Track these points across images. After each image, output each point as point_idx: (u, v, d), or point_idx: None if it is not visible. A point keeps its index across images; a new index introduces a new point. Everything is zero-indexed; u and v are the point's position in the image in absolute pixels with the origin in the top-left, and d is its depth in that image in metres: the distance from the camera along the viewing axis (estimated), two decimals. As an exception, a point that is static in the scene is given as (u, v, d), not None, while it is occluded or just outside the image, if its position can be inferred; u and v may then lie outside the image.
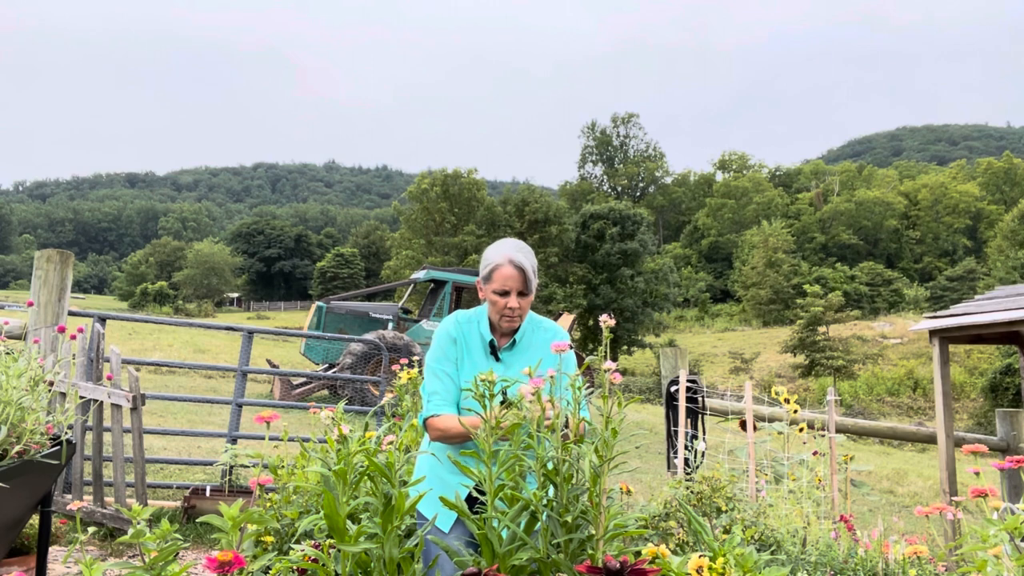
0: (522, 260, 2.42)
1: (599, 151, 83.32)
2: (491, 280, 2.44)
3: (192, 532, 5.12)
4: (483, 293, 2.50)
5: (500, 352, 2.50)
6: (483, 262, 2.50)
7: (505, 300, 2.41)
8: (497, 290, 2.42)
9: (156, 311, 55.06)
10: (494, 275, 2.43)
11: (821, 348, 39.00)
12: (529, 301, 2.46)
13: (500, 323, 2.47)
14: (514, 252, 2.44)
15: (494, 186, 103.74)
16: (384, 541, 1.79)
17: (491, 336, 2.50)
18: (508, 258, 2.41)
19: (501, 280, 2.41)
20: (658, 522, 2.83)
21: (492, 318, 2.51)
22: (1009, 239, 57.62)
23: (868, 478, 11.53)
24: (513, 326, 2.47)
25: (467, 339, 2.51)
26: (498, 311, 2.45)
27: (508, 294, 2.41)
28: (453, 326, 2.53)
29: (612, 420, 1.79)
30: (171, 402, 11.12)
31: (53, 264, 5.26)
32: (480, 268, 2.52)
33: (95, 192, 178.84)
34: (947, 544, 2.90)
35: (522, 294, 2.43)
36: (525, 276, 2.42)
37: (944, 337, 5.38)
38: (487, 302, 2.49)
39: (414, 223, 48.57)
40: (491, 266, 2.44)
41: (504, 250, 2.45)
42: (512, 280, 2.40)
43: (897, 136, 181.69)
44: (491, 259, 2.45)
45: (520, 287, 2.41)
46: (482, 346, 2.50)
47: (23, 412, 2.42)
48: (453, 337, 2.50)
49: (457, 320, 2.55)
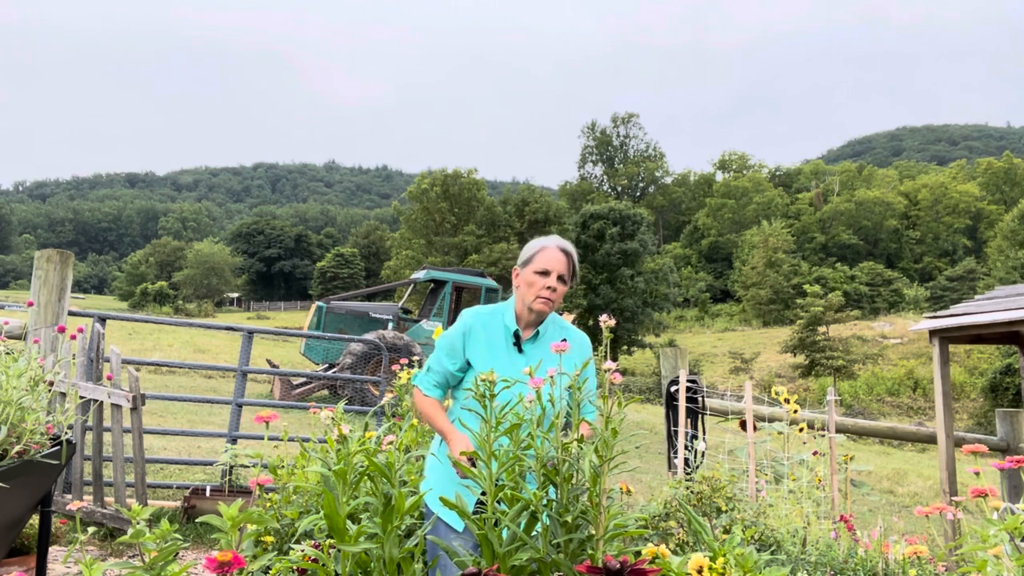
0: (569, 248, 2.49)
1: (599, 151, 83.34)
2: (532, 261, 2.46)
3: (192, 532, 5.12)
4: (519, 279, 2.49)
5: (524, 343, 2.48)
6: (525, 251, 2.51)
7: (545, 280, 2.42)
8: (539, 269, 2.43)
9: (156, 311, 55.07)
10: (537, 256, 2.45)
11: (821, 348, 39.01)
12: (563, 292, 2.47)
13: (533, 305, 2.44)
14: (562, 240, 2.50)
15: (494, 186, 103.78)
16: (384, 541, 1.79)
17: (516, 326, 2.48)
18: (556, 243, 2.48)
19: (545, 260, 2.43)
20: (658, 522, 2.83)
21: (520, 305, 2.49)
22: (1009, 239, 57.62)
23: (868, 478, 11.53)
24: (545, 310, 2.45)
25: (487, 330, 2.49)
26: (535, 292, 2.43)
27: (549, 274, 2.42)
28: (472, 316, 2.52)
29: (612, 420, 1.79)
30: (171, 402, 11.12)
31: (53, 264, 5.25)
32: (520, 256, 2.52)
33: (95, 192, 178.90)
34: (947, 544, 2.90)
35: (562, 279, 2.45)
36: (570, 261, 2.46)
37: (944, 337, 5.38)
38: (521, 287, 2.48)
39: (414, 223, 48.60)
40: (536, 248, 2.48)
41: (552, 237, 2.52)
42: (557, 262, 2.44)
43: (897, 136, 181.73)
44: (537, 244, 2.50)
45: (563, 270, 2.44)
46: (504, 337, 2.48)
47: (23, 412, 2.42)
48: (466, 328, 2.49)
49: (477, 312, 2.55)
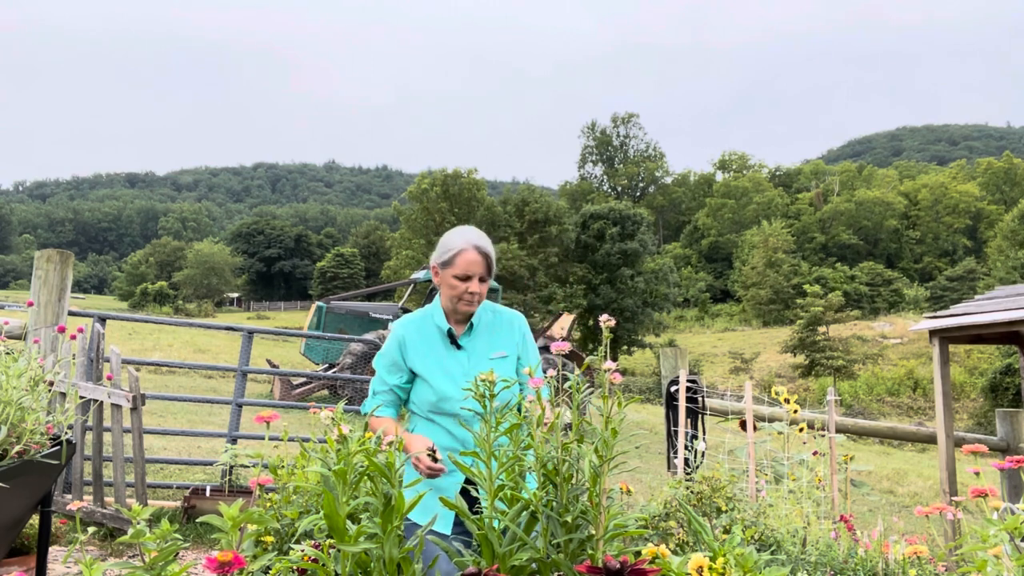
0: (485, 246, 2.45)
1: (599, 151, 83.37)
2: (452, 265, 2.43)
3: (192, 532, 5.12)
4: (439, 279, 2.48)
5: (460, 339, 2.49)
6: (441, 247, 2.48)
7: (466, 285, 2.41)
8: (459, 275, 2.41)
9: (156, 311, 55.09)
10: (456, 260, 2.42)
11: (821, 348, 39.03)
12: (486, 288, 2.48)
13: (458, 307, 2.45)
14: (477, 238, 2.46)
15: (494, 186, 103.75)
16: (384, 541, 1.78)
17: (448, 325, 2.49)
18: (472, 244, 2.43)
19: (464, 264, 2.41)
20: (658, 522, 2.83)
21: (447, 305, 2.49)
22: (1009, 239, 57.64)
23: (868, 478, 11.53)
24: (470, 311, 2.46)
25: (421, 335, 2.50)
26: (457, 295, 2.43)
27: (470, 279, 2.42)
28: (401, 326, 2.53)
29: (612, 420, 1.79)
30: (171, 402, 11.12)
31: (53, 264, 5.26)
32: (437, 254, 2.49)
33: (95, 192, 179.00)
34: (947, 544, 2.90)
35: (483, 280, 2.45)
36: (488, 262, 2.45)
37: (944, 337, 5.38)
38: (443, 288, 2.48)
39: (414, 223, 48.58)
40: (453, 251, 2.43)
41: (466, 235, 2.46)
42: (475, 265, 2.41)
43: (897, 136, 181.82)
44: (453, 244, 2.45)
45: (482, 272, 2.43)
46: (440, 337, 2.50)
47: (23, 412, 2.41)
48: (400, 339, 2.50)
49: (405, 321, 2.55)
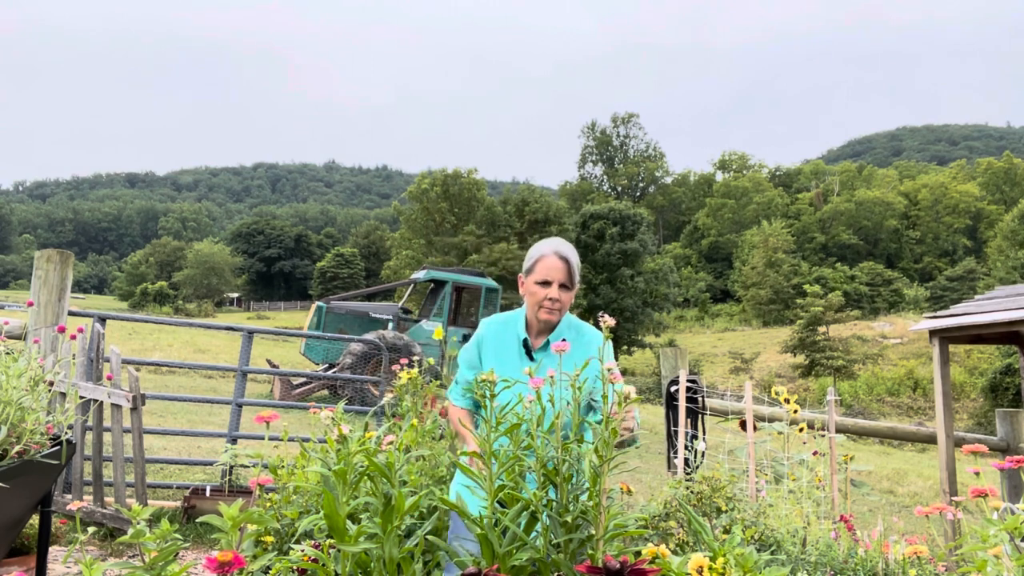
0: (567, 252, 2.45)
1: (599, 151, 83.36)
2: (533, 271, 2.44)
3: (192, 532, 5.12)
4: (524, 287, 2.49)
5: (535, 352, 2.47)
6: (527, 258, 2.50)
7: (546, 291, 2.41)
8: (539, 280, 2.42)
9: (156, 311, 55.07)
10: (537, 266, 2.44)
11: (821, 348, 39.00)
12: (570, 297, 2.45)
13: (538, 315, 2.44)
14: (559, 245, 2.47)
15: (494, 186, 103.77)
16: (384, 541, 1.78)
17: (525, 334, 2.48)
18: (554, 249, 2.45)
19: (545, 270, 2.41)
20: (658, 522, 2.83)
21: (529, 314, 2.49)
22: (1009, 239, 57.63)
23: (868, 478, 11.53)
24: (551, 319, 2.44)
25: (499, 339, 2.51)
26: (537, 302, 2.43)
27: (550, 284, 2.41)
28: (484, 327, 2.55)
29: (612, 420, 1.79)
30: (171, 402, 11.12)
31: (53, 264, 5.25)
32: (524, 264, 2.52)
33: (95, 192, 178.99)
34: (947, 544, 2.90)
35: (564, 287, 2.42)
36: (569, 268, 2.42)
37: (944, 337, 5.38)
38: (527, 296, 2.48)
39: (414, 223, 48.58)
40: (535, 257, 2.46)
41: (550, 243, 2.48)
42: (556, 271, 2.41)
43: (897, 136, 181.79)
44: (536, 251, 2.48)
45: (563, 279, 2.41)
46: (517, 345, 2.49)
47: (23, 412, 2.41)
48: (480, 340, 2.53)
49: (490, 321, 2.57)
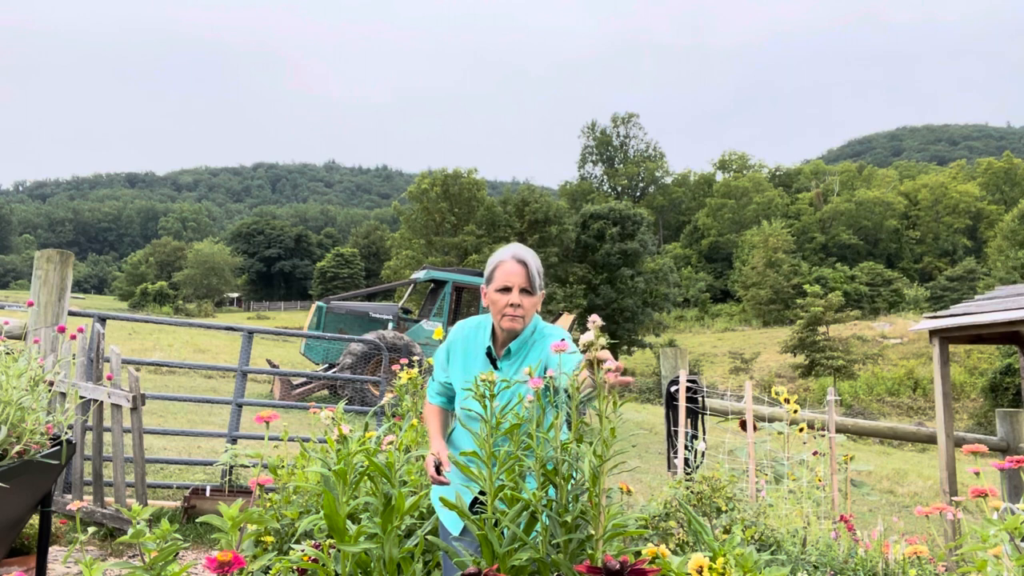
0: (525, 256, 2.37)
1: (599, 151, 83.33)
2: (493, 279, 2.38)
3: (192, 532, 5.12)
4: (487, 299, 2.42)
5: (499, 361, 2.41)
6: (486, 267, 2.44)
7: (507, 297, 2.32)
8: (499, 287, 2.35)
9: (156, 311, 55.04)
10: (496, 273, 2.37)
11: (821, 348, 38.99)
12: (533, 303, 2.36)
13: (501, 323, 2.36)
14: (517, 250, 2.41)
15: (494, 186, 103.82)
16: (384, 541, 1.78)
17: (489, 343, 2.42)
18: (511, 254, 2.38)
19: (504, 276, 2.34)
20: (658, 522, 2.83)
21: (494, 323, 2.42)
22: (1009, 239, 57.65)
23: (868, 478, 11.53)
24: (515, 327, 2.35)
25: (468, 344, 2.48)
26: (499, 310, 2.35)
27: (510, 290, 2.33)
28: (455, 331, 2.53)
29: (611, 420, 1.79)
30: (171, 402, 11.12)
31: (53, 264, 5.25)
32: (484, 274, 2.46)
33: (95, 192, 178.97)
34: (947, 544, 2.90)
35: (525, 291, 2.34)
36: (528, 272, 2.34)
37: (944, 337, 5.38)
38: (489, 307, 2.42)
39: (414, 223, 48.59)
40: (494, 264, 2.40)
41: (507, 249, 2.42)
42: (515, 275, 2.33)
43: (897, 136, 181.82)
44: (494, 259, 2.42)
45: (522, 283, 2.33)
46: (483, 352, 2.45)
47: (23, 412, 2.41)
48: (449, 344, 2.52)
49: (463, 325, 2.54)
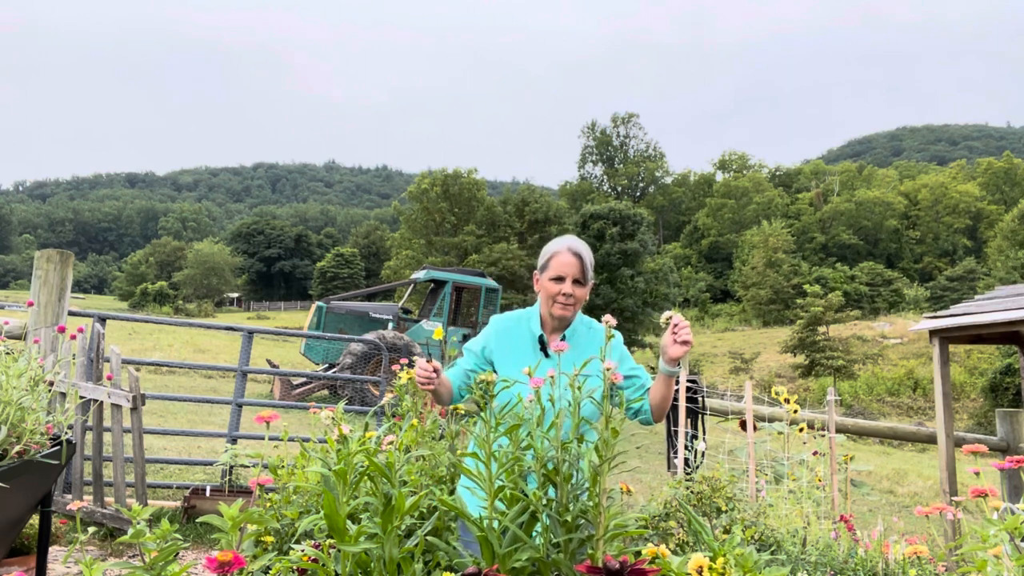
0: (580, 249, 2.46)
1: (599, 151, 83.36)
2: (548, 268, 2.46)
3: (192, 532, 5.12)
4: (538, 284, 2.51)
5: (550, 348, 2.47)
6: (541, 255, 2.52)
7: (560, 286, 2.42)
8: (553, 276, 2.44)
9: (156, 311, 55.05)
10: (551, 262, 2.46)
11: (821, 348, 38.98)
12: (584, 293, 2.46)
13: (552, 311, 2.45)
14: (573, 242, 2.49)
15: (494, 186, 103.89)
16: (384, 541, 1.78)
17: (540, 331, 2.49)
18: (567, 246, 2.47)
19: (558, 266, 2.43)
20: (658, 522, 2.83)
21: (544, 310, 2.50)
22: (1009, 239, 57.68)
23: (868, 478, 11.53)
24: (566, 314, 2.45)
25: (511, 335, 2.52)
26: (551, 296, 2.44)
27: (564, 280, 2.42)
28: (492, 324, 2.56)
29: (612, 420, 1.79)
30: (171, 402, 11.12)
31: (53, 264, 5.25)
32: (538, 261, 2.54)
33: (95, 192, 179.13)
34: (947, 544, 2.90)
35: (578, 283, 2.44)
36: (582, 264, 2.44)
37: (944, 337, 5.38)
38: (541, 294, 2.50)
39: (414, 223, 48.62)
40: (549, 254, 2.48)
41: (563, 240, 2.50)
42: (569, 266, 2.43)
43: (897, 136, 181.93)
44: (549, 248, 2.50)
45: (576, 274, 2.43)
46: (531, 341, 2.49)
47: (23, 412, 2.41)
48: (487, 338, 2.53)
49: (501, 318, 2.58)
